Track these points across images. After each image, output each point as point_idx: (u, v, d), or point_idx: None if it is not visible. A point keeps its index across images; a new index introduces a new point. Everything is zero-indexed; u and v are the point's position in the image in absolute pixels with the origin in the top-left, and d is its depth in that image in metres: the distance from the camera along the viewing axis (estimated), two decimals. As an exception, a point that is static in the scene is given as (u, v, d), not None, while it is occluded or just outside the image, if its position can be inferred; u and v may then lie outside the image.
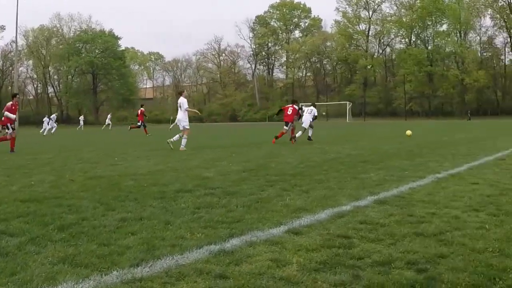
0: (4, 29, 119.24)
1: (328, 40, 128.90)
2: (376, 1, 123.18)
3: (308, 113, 25.27)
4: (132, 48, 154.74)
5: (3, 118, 21.03)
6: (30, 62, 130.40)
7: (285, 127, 23.97)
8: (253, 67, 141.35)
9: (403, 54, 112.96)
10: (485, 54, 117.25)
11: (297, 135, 24.48)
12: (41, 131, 53.92)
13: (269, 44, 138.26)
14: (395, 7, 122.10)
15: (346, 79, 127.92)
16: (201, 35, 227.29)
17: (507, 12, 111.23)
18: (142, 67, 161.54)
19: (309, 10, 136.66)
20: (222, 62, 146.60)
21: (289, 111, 24.06)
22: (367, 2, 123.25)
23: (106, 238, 5.72)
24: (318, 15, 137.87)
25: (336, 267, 4.66)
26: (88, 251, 5.21)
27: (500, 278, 4.32)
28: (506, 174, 11.09)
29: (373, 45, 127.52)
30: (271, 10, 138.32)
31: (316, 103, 29.06)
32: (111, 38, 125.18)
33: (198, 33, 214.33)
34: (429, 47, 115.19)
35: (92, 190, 9.31)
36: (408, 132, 27.60)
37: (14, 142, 20.94)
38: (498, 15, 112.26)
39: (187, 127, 20.79)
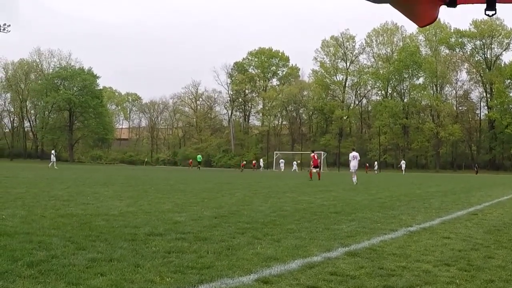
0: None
1: (305, 89, 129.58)
2: (354, 53, 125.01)
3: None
4: (110, 87, 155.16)
5: None
6: (8, 95, 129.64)
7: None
8: (230, 113, 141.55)
9: (379, 106, 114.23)
10: (460, 108, 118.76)
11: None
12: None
13: (246, 90, 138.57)
14: (372, 59, 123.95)
15: (322, 129, 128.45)
16: (179, 78, 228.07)
17: (483, 67, 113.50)
18: (119, 107, 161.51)
19: (287, 59, 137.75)
20: (198, 107, 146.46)
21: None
22: (344, 53, 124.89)
23: (75, 277, 5.66)
24: (296, 64, 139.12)
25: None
26: (57, 289, 5.12)
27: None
28: (478, 229, 11.13)
29: (350, 96, 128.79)
30: (250, 57, 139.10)
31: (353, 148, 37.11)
32: (90, 77, 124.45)
33: (176, 76, 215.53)
34: (405, 100, 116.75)
35: (63, 228, 9.25)
36: None
37: None
38: (474, 70, 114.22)
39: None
